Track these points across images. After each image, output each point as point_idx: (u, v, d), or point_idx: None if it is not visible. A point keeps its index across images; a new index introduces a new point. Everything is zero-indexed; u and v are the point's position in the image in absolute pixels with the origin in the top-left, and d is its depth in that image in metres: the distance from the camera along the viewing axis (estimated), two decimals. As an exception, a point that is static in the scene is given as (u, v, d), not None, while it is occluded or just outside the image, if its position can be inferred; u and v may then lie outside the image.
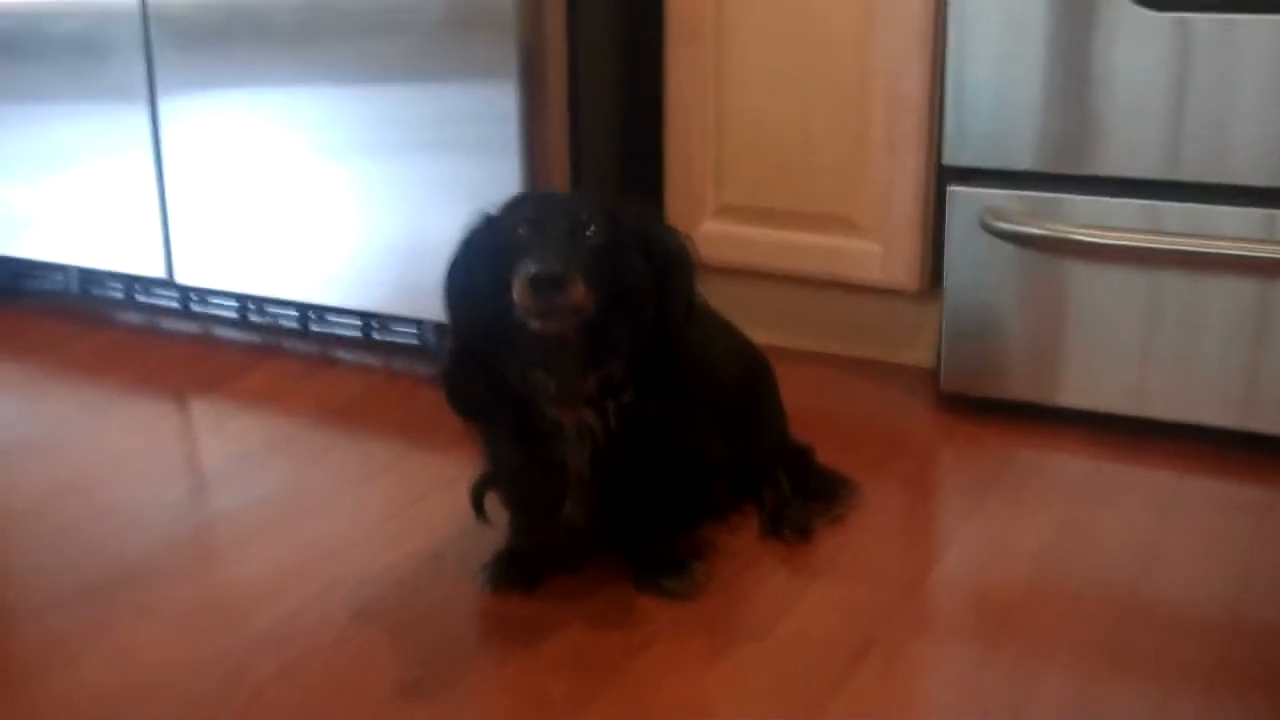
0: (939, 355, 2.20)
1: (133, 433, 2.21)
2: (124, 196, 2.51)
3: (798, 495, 1.88)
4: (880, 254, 2.27)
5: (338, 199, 2.34)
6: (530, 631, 1.61)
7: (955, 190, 2.10)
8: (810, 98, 2.25)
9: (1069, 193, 2.03)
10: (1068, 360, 2.09)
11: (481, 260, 1.56)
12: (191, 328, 2.61)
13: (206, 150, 2.42)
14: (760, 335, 2.35)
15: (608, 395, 1.59)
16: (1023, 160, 2.05)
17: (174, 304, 2.63)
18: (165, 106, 2.42)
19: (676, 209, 2.39)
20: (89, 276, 2.68)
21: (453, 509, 1.83)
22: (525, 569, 1.70)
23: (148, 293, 2.64)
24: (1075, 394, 2.10)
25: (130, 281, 2.64)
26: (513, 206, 1.59)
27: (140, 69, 2.41)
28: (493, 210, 1.60)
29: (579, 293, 1.48)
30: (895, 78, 2.17)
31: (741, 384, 1.86)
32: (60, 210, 2.59)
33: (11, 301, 2.75)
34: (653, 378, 1.59)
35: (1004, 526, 1.85)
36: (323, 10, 2.25)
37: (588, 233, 1.53)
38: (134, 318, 2.67)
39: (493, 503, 1.73)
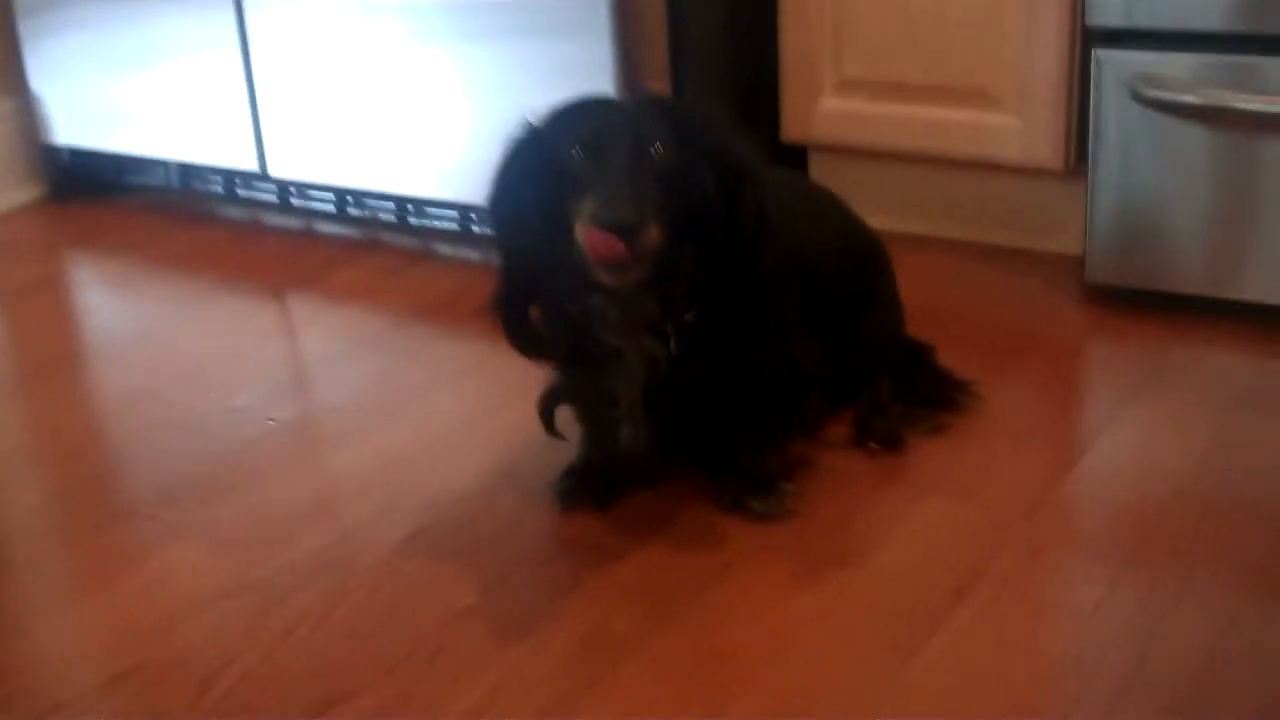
0: (1086, 242, 1.96)
1: (221, 331, 2.11)
2: (215, 90, 2.40)
3: (904, 399, 1.68)
4: (1019, 129, 2.02)
5: (428, 88, 2.18)
6: (600, 555, 1.45)
7: (1102, 55, 1.84)
8: (939, -47, 2.01)
9: (1233, 54, 1.76)
10: (1232, 247, 1.83)
11: (529, 182, 1.39)
12: (291, 222, 2.51)
13: (292, 41, 2.30)
14: (886, 221, 2.16)
15: (669, 317, 1.41)
16: (1180, 17, 1.78)
17: (273, 198, 2.52)
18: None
19: (792, 84, 2.18)
20: (189, 171, 2.59)
21: (533, 417, 1.68)
22: (598, 485, 1.55)
23: (248, 187, 2.53)
24: (1238, 285, 1.84)
25: (230, 176, 2.54)
26: (562, 118, 1.40)
27: None
28: (537, 119, 1.41)
29: (654, 237, 1.31)
30: (1034, -75, 1.91)
31: (843, 268, 1.66)
32: (156, 105, 2.50)
33: (115, 197, 2.68)
34: (720, 295, 1.41)
35: (1149, 436, 1.63)
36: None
37: (652, 151, 1.34)
38: (234, 213, 2.57)
39: (566, 415, 1.57)
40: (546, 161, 1.37)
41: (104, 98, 2.56)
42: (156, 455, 1.74)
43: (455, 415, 1.79)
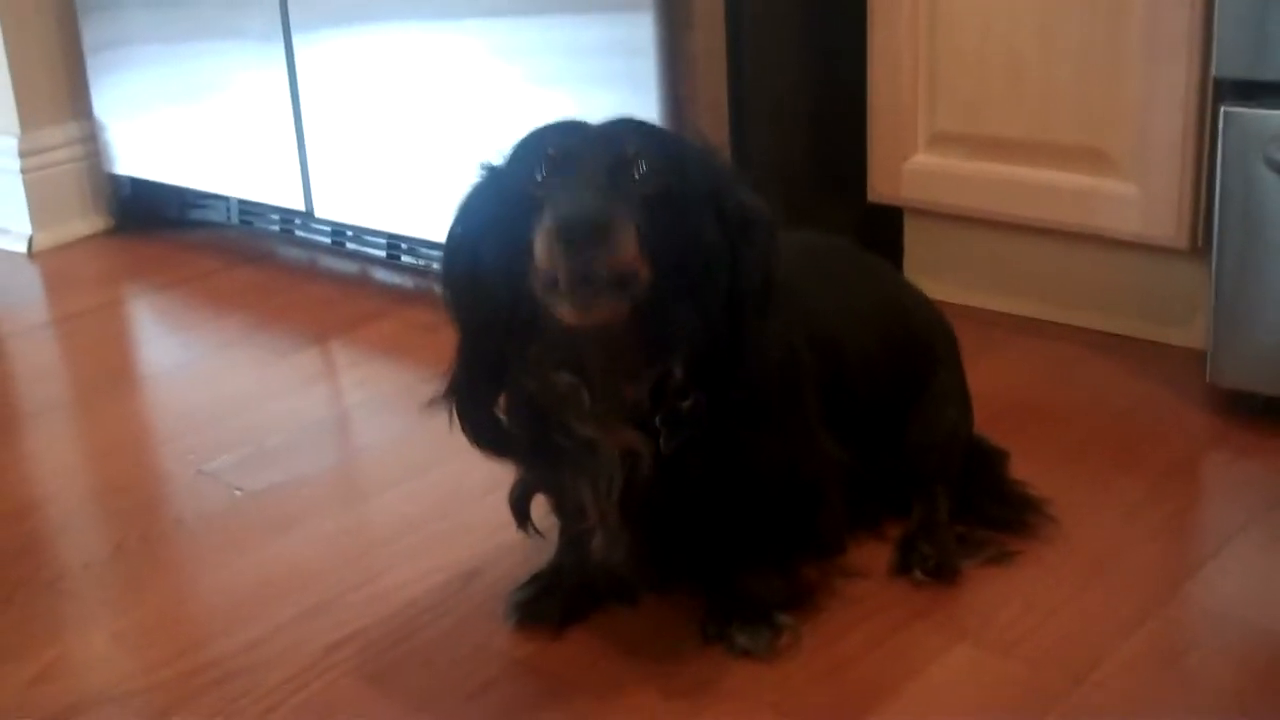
0: (1209, 336, 1.64)
1: (247, 377, 1.95)
2: (267, 129, 2.27)
3: (965, 518, 1.39)
4: (1138, 197, 1.71)
5: (476, 136, 1.98)
6: (546, 687, 1.21)
7: (1232, 112, 1.53)
8: (1049, -10, 1.72)
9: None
10: (1389, 351, 1.50)
11: (488, 231, 1.14)
12: (346, 266, 2.33)
13: (342, 83, 2.15)
14: (982, 298, 1.89)
15: (660, 405, 1.15)
16: (1332, 68, 1.47)
17: (327, 240, 2.36)
18: (300, 42, 2.17)
19: (881, 138, 1.91)
20: (248, 209, 2.45)
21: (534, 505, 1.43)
22: (564, 599, 1.30)
23: (306, 228, 2.37)
24: (1397, 398, 1.51)
25: (287, 216, 2.39)
26: (525, 147, 1.15)
27: (275, 5, 2.17)
28: (499, 159, 1.18)
29: (631, 247, 1.05)
30: (1159, -42, 1.62)
31: (890, 359, 1.38)
32: (214, 141, 2.38)
33: (177, 231, 2.56)
34: (722, 380, 1.14)
35: (1259, 581, 1.32)
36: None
37: (636, 174, 1.09)
38: (291, 253, 2.41)
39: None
40: (508, 200, 1.13)
41: (166, 131, 2.45)
42: (106, 518, 1.56)
43: (446, 493, 1.56)
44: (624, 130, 1.14)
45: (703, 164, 1.15)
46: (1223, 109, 1.54)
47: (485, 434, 1.21)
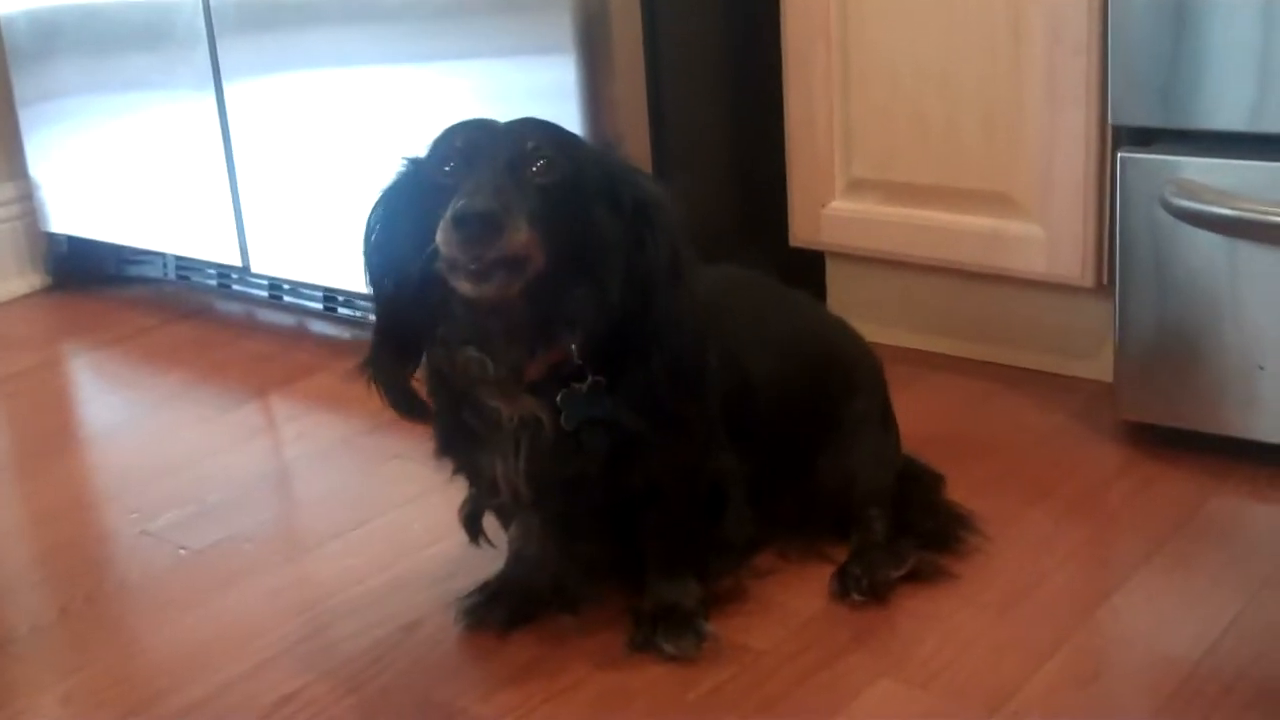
0: (1115, 371, 1.72)
1: (186, 434, 1.97)
2: (201, 185, 2.30)
3: (901, 535, 1.46)
4: (1044, 239, 1.79)
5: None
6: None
7: (1129, 158, 1.61)
8: (954, 43, 1.79)
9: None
10: (1281, 382, 1.58)
11: (404, 213, 1.25)
12: (284, 319, 2.37)
13: (275, 139, 2.19)
14: (903, 337, 1.96)
15: (558, 380, 1.24)
16: (1219, 116, 1.54)
17: (264, 294, 2.39)
18: (231, 94, 2.21)
19: (800, 185, 1.98)
20: (185, 264, 2.49)
21: (474, 553, 1.47)
22: (508, 604, 1.39)
23: (243, 282, 2.41)
24: (1291, 427, 1.59)
25: (223, 270, 2.42)
26: (440, 141, 1.26)
27: (205, 57, 2.21)
28: (420, 154, 1.28)
29: (521, 238, 1.16)
30: (1056, 9, 1.69)
31: (807, 382, 1.46)
32: (148, 198, 2.40)
33: (113, 287, 2.58)
34: (625, 365, 1.24)
35: (1162, 609, 1.38)
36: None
37: (534, 168, 1.20)
38: (229, 307, 2.45)
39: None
40: (422, 188, 1.24)
41: (101, 188, 2.47)
42: (51, 581, 1.59)
43: (387, 545, 1.60)
44: (526, 127, 1.24)
45: (600, 158, 1.26)
46: (1120, 155, 1.62)
47: (399, 397, 1.30)
